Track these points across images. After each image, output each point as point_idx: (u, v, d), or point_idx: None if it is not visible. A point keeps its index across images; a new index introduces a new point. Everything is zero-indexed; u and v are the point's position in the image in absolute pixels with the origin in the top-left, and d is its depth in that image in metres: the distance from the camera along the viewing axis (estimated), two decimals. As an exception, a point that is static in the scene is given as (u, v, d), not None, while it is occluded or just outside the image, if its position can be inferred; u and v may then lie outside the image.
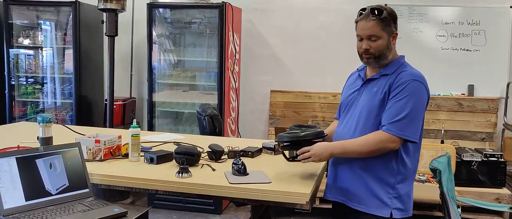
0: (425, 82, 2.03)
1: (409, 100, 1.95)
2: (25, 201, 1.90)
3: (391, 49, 2.07)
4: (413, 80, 1.98)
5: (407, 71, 2.04)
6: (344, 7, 4.93)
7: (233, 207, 4.48)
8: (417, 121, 1.99)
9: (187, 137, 3.14)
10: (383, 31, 2.02)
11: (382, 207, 2.03)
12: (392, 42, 2.07)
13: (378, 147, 1.96)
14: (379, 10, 2.01)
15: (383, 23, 2.01)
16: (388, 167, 2.03)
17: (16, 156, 1.95)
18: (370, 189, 2.05)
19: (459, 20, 4.71)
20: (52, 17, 5.05)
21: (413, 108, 1.96)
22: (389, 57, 2.07)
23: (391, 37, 2.06)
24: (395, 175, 2.03)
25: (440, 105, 4.72)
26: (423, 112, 2.02)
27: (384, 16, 2.01)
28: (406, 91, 1.96)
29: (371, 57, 2.05)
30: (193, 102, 4.80)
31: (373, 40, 2.02)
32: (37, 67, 5.04)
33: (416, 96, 1.97)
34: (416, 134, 1.99)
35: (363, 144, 1.99)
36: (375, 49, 2.03)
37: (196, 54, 4.90)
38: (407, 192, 2.07)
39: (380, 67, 2.09)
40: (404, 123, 1.95)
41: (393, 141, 1.95)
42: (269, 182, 2.08)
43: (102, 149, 2.40)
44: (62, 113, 5.03)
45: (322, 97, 4.98)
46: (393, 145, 1.96)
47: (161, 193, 2.16)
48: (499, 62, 4.68)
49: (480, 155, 4.18)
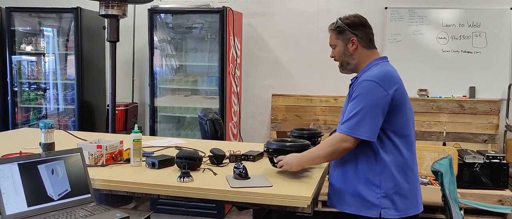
0: (383, 80, 2.02)
1: (360, 100, 2.02)
2: (27, 206, 1.91)
3: (351, 55, 2.17)
4: (365, 80, 2.05)
5: (366, 73, 2.10)
6: (344, 11, 4.93)
7: (236, 211, 4.48)
8: (370, 119, 1.99)
9: (189, 141, 3.14)
10: (337, 39, 2.19)
11: (371, 207, 2.06)
12: (352, 48, 2.15)
13: (333, 148, 2.04)
14: (335, 22, 2.20)
15: (336, 32, 2.18)
16: (370, 167, 2.07)
17: (18, 162, 1.96)
18: (358, 191, 2.09)
19: (460, 22, 4.72)
20: (54, 24, 5.07)
21: (364, 107, 2.00)
22: (353, 63, 2.18)
23: (348, 43, 2.16)
24: (379, 175, 2.06)
25: (441, 107, 4.71)
26: (378, 111, 2.00)
27: (338, 25, 2.18)
28: (357, 92, 2.05)
29: (338, 64, 2.23)
30: (195, 106, 4.81)
31: (334, 48, 2.22)
32: (40, 73, 5.07)
33: (367, 96, 2.01)
34: (369, 132, 1.99)
35: (322, 147, 2.12)
36: (336, 56, 2.21)
37: (198, 58, 4.92)
38: (397, 191, 2.06)
39: (354, 73, 2.21)
40: (354, 122, 2.00)
41: (345, 140, 2.02)
42: (271, 185, 2.08)
43: (104, 154, 2.41)
44: (65, 118, 5.05)
45: (323, 101, 4.99)
46: (346, 145, 2.02)
47: (163, 197, 2.16)
48: (500, 64, 4.68)
49: (482, 157, 4.17)
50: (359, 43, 2.15)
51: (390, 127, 2.05)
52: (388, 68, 2.11)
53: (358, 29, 2.15)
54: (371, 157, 2.07)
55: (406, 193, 2.08)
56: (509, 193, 4.09)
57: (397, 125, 2.05)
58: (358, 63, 2.17)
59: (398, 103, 2.03)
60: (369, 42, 2.18)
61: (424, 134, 4.72)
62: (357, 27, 2.15)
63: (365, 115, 1.99)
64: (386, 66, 2.13)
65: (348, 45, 2.16)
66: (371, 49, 2.18)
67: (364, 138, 2.00)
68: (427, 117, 4.72)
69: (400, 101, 2.04)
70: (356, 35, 2.14)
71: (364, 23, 2.18)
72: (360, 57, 2.16)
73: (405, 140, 2.09)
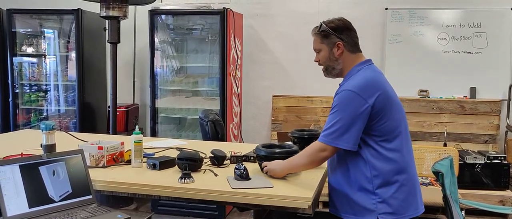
0: (363, 90, 1.98)
1: (338, 110, 2.00)
2: (29, 208, 1.92)
3: (337, 59, 2.13)
4: (344, 90, 2.02)
5: (348, 81, 2.07)
6: (344, 12, 4.94)
7: (237, 212, 4.49)
8: (349, 129, 1.97)
9: (189, 142, 3.15)
10: (322, 44, 2.14)
11: (368, 214, 2.04)
12: (337, 52, 2.11)
13: (312, 157, 2.06)
14: (319, 26, 2.14)
15: (321, 36, 2.14)
16: (362, 175, 2.04)
17: (19, 164, 1.96)
18: (353, 198, 2.07)
19: (460, 23, 4.72)
20: (55, 25, 5.08)
21: (343, 117, 1.97)
22: (339, 67, 2.14)
23: (333, 48, 2.12)
24: (371, 181, 2.03)
25: (442, 108, 4.71)
26: (357, 120, 1.97)
27: (322, 29, 2.12)
28: (336, 101, 2.03)
29: (323, 69, 2.19)
30: (196, 107, 4.81)
31: (318, 52, 2.17)
32: (41, 75, 5.08)
33: (346, 106, 1.98)
34: (347, 141, 1.98)
35: (302, 156, 2.11)
36: (321, 61, 2.17)
37: (198, 60, 4.93)
38: (392, 195, 2.02)
39: (340, 77, 2.18)
40: (332, 131, 1.99)
41: (324, 149, 2.02)
42: (271, 186, 2.08)
43: (105, 155, 2.41)
44: (66, 120, 5.06)
45: (324, 101, 4.99)
46: (325, 154, 2.03)
47: (164, 199, 2.16)
48: (501, 64, 4.68)
49: (483, 158, 4.17)
50: (344, 48, 2.11)
51: (376, 133, 2.01)
52: (369, 75, 2.06)
53: (343, 33, 2.11)
54: (361, 165, 2.04)
55: (403, 196, 2.04)
56: (510, 194, 4.09)
57: (383, 130, 2.01)
58: (343, 68, 2.14)
59: (381, 108, 1.99)
60: (354, 46, 2.14)
61: (425, 134, 4.72)
62: (342, 31, 2.11)
63: (344, 125, 1.97)
64: (368, 71, 2.08)
65: (333, 49, 2.12)
66: (356, 53, 2.14)
67: (343, 147, 1.99)
68: (428, 117, 4.71)
69: (384, 106, 2.00)
70: (342, 39, 2.10)
71: (349, 26, 2.14)
72: (345, 61, 2.13)
73: (396, 143, 2.04)
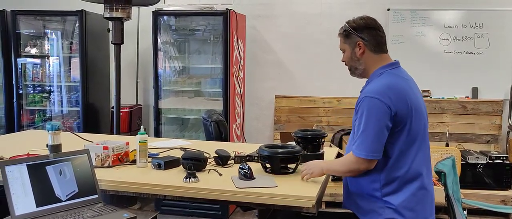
0: (385, 96, 1.94)
1: (364, 119, 1.95)
2: (36, 207, 1.94)
3: (359, 59, 2.11)
4: (365, 97, 1.98)
5: (370, 86, 2.04)
6: (347, 12, 4.96)
7: (240, 212, 4.51)
8: (375, 138, 1.94)
9: (193, 143, 3.17)
10: (345, 44, 2.14)
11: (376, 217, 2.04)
12: (359, 52, 2.09)
13: (351, 168, 2.02)
14: (343, 27, 2.14)
15: (344, 36, 2.14)
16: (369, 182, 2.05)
17: (26, 164, 1.99)
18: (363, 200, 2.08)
19: (462, 23, 4.73)
20: (59, 26, 5.11)
21: (368, 126, 1.94)
22: (361, 68, 2.12)
23: (355, 47, 2.10)
24: (380, 188, 2.02)
25: (444, 108, 4.73)
26: (381, 127, 1.93)
27: (344, 29, 2.12)
28: (361, 109, 1.98)
29: (348, 69, 2.18)
30: (199, 108, 4.83)
31: (343, 52, 2.17)
32: (44, 76, 5.10)
33: (369, 114, 1.94)
34: (377, 151, 1.95)
35: (341, 164, 2.10)
36: (345, 61, 2.17)
37: (201, 60, 4.95)
38: (403, 202, 2.00)
39: (364, 78, 2.16)
40: (363, 143, 1.95)
41: (362, 162, 1.98)
42: (275, 186, 2.10)
43: (110, 155, 2.44)
44: (70, 121, 5.08)
45: (326, 102, 5.01)
46: (364, 166, 1.99)
47: (169, 198, 2.19)
48: (503, 65, 4.69)
49: (485, 158, 4.18)
50: (366, 47, 2.08)
51: (392, 141, 1.98)
52: (391, 81, 2.01)
53: (364, 32, 2.07)
54: (371, 173, 2.02)
55: (413, 206, 2.02)
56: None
57: (400, 139, 1.98)
58: (366, 68, 2.10)
59: (401, 118, 1.95)
60: (378, 46, 2.08)
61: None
62: (363, 30, 2.07)
63: (369, 134, 1.94)
64: (390, 77, 2.04)
65: (355, 49, 2.09)
66: (380, 54, 2.09)
67: (374, 158, 1.96)
68: (430, 118, 4.71)
69: (405, 115, 1.96)
70: (363, 38, 2.07)
71: (371, 25, 2.09)
72: (367, 61, 2.09)
73: (411, 151, 2.01)
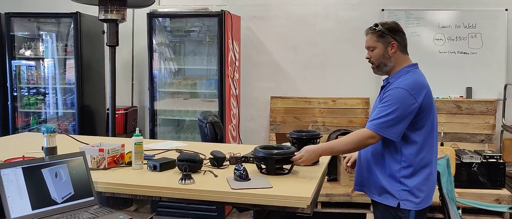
0: (414, 89, 2.19)
1: (391, 104, 2.18)
2: (32, 210, 1.94)
3: (390, 57, 2.31)
4: (397, 87, 2.21)
5: (400, 80, 2.26)
6: (342, 14, 4.99)
7: (236, 213, 4.51)
8: (399, 122, 2.17)
9: (189, 144, 3.17)
10: (377, 42, 2.31)
11: (391, 198, 2.26)
12: (391, 51, 2.30)
13: (360, 143, 2.24)
14: (375, 25, 2.33)
15: (377, 35, 2.31)
16: (394, 164, 2.26)
17: (22, 166, 1.99)
18: (381, 183, 2.29)
19: (456, 24, 4.76)
20: (53, 29, 5.10)
21: (395, 110, 2.17)
22: (390, 65, 2.32)
23: (388, 46, 2.30)
24: (399, 170, 2.24)
25: (438, 108, 4.75)
26: (406, 116, 2.18)
27: (379, 29, 2.30)
28: (390, 96, 2.21)
29: (373, 65, 2.36)
30: (194, 109, 4.84)
31: (371, 50, 2.34)
32: (39, 78, 5.09)
33: (398, 102, 2.18)
34: (396, 133, 2.18)
35: (347, 141, 2.26)
36: (373, 58, 2.34)
37: (196, 62, 4.95)
38: (415, 185, 2.23)
39: (388, 75, 2.36)
40: (383, 122, 2.18)
41: (373, 137, 2.20)
42: (271, 187, 2.11)
43: (106, 157, 2.44)
44: (65, 123, 5.07)
45: (322, 102, 5.02)
46: (372, 141, 2.22)
47: (165, 200, 2.19)
48: (496, 64, 4.72)
49: (479, 157, 4.21)
50: (397, 48, 2.30)
51: (416, 127, 2.21)
52: (418, 77, 2.28)
53: (397, 34, 2.31)
54: (395, 155, 2.24)
55: (424, 189, 2.25)
56: (506, 192, 4.13)
57: (422, 125, 2.22)
58: (394, 66, 2.32)
59: (425, 107, 2.21)
60: (405, 48, 2.34)
61: (422, 134, 4.75)
62: (396, 32, 2.31)
63: (395, 118, 2.16)
64: (416, 74, 2.29)
65: (388, 48, 2.30)
66: (405, 54, 2.35)
67: (391, 138, 2.18)
68: (425, 117, 4.75)
69: (428, 105, 2.23)
70: (396, 39, 2.30)
71: (401, 29, 2.34)
72: (396, 60, 2.32)
73: (429, 138, 2.26)
